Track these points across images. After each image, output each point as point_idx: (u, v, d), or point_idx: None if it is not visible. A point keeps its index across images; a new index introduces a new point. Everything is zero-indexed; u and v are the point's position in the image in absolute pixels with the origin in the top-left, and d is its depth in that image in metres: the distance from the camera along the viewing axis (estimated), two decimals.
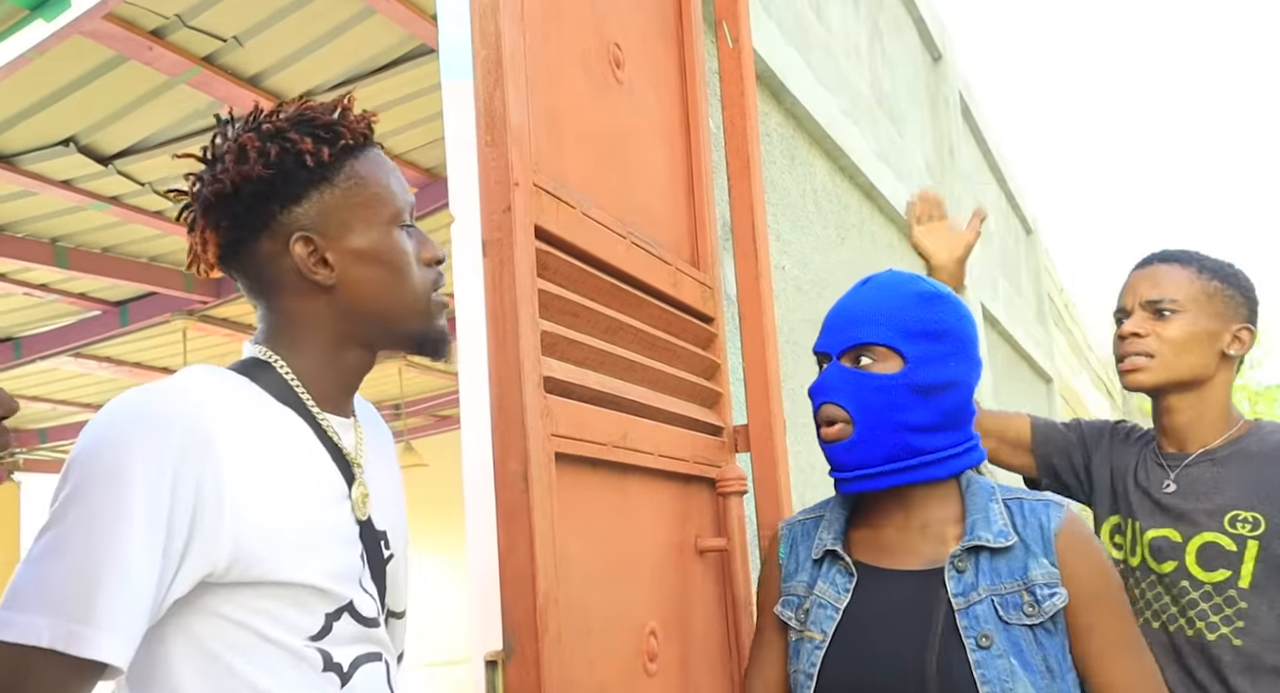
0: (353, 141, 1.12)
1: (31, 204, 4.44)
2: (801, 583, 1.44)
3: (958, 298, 1.47)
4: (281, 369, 1.11)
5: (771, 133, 3.25)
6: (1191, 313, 1.73)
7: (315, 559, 1.03)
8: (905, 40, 5.93)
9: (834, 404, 1.39)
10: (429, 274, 1.17)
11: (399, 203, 1.14)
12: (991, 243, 8.25)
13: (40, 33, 3.05)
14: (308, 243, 1.10)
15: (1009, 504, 1.38)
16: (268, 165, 1.08)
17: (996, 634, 1.29)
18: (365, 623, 1.09)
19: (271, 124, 1.12)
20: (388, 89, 3.90)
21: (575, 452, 1.44)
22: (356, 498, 1.11)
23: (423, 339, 1.17)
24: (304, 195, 1.10)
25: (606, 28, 1.75)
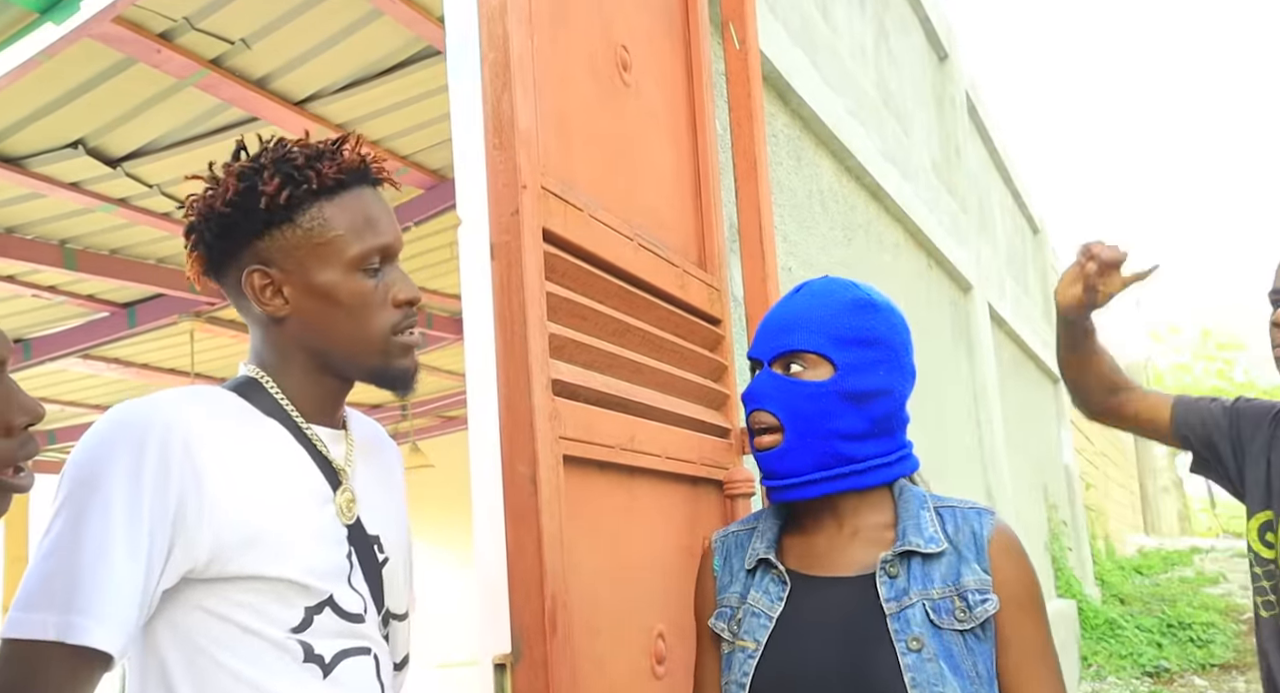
0: (320, 185, 1.16)
1: (40, 206, 4.46)
2: (735, 594, 1.43)
3: (893, 306, 1.47)
4: (269, 386, 1.19)
5: (778, 134, 3.25)
6: None
7: (294, 556, 1.10)
8: (911, 40, 5.93)
9: (765, 411, 1.39)
10: (391, 316, 1.19)
11: (366, 246, 1.17)
12: (998, 242, 8.24)
13: (49, 36, 3.06)
14: (263, 275, 1.16)
15: (940, 512, 1.39)
16: (227, 203, 1.15)
17: (928, 638, 1.29)
18: (348, 618, 1.14)
19: (252, 162, 1.18)
20: (395, 91, 3.91)
21: (583, 454, 1.44)
22: (341, 502, 1.18)
23: (379, 376, 1.21)
24: (265, 232, 1.16)
25: (613, 30, 1.75)
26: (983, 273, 6.77)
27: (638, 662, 1.52)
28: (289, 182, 1.15)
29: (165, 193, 4.50)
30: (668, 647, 1.60)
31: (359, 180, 1.19)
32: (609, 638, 1.46)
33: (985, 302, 6.73)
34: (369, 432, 1.31)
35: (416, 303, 1.20)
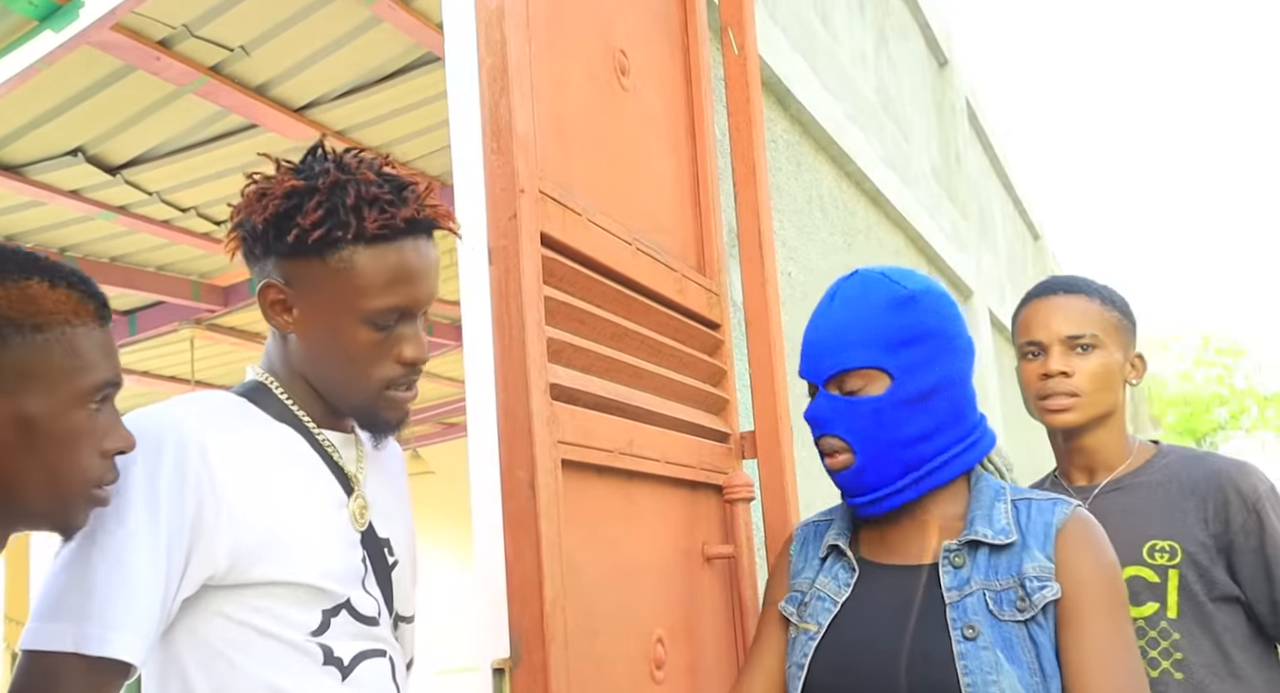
0: (358, 235, 1.11)
1: (40, 214, 4.46)
2: (806, 580, 1.44)
3: (931, 288, 1.42)
4: (278, 391, 1.19)
5: (777, 139, 3.25)
6: (1107, 347, 1.71)
7: (311, 561, 1.10)
8: (911, 46, 5.93)
9: (832, 436, 1.39)
10: (390, 371, 1.16)
11: (385, 303, 1.13)
12: (998, 248, 8.24)
13: (49, 43, 3.07)
14: (277, 291, 1.15)
15: (1017, 504, 1.37)
16: (264, 220, 1.13)
17: (984, 627, 1.28)
18: (364, 621, 1.15)
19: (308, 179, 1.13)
20: (394, 97, 3.91)
21: (582, 459, 1.43)
22: (354, 509, 1.18)
23: (361, 420, 1.20)
24: (291, 255, 1.14)
25: (612, 35, 1.75)
26: (983, 279, 6.77)
27: (637, 667, 1.52)
28: (329, 219, 1.11)
29: (165, 200, 4.51)
30: (667, 651, 1.59)
31: (407, 233, 1.14)
32: (608, 643, 1.45)
33: (986, 308, 6.72)
34: None
35: (420, 364, 1.18)
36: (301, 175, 1.14)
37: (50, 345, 0.94)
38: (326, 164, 1.15)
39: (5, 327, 0.91)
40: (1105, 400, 1.71)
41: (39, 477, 0.94)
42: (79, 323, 0.96)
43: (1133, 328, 1.77)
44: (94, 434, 0.97)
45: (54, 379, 0.94)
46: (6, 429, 0.92)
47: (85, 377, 0.96)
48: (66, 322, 0.95)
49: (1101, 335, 1.70)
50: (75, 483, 0.96)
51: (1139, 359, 1.77)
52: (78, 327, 0.96)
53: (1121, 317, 1.74)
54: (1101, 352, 1.70)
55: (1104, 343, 1.70)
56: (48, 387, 0.94)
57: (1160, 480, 1.70)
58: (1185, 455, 1.74)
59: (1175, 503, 1.66)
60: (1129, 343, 1.75)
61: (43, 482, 0.94)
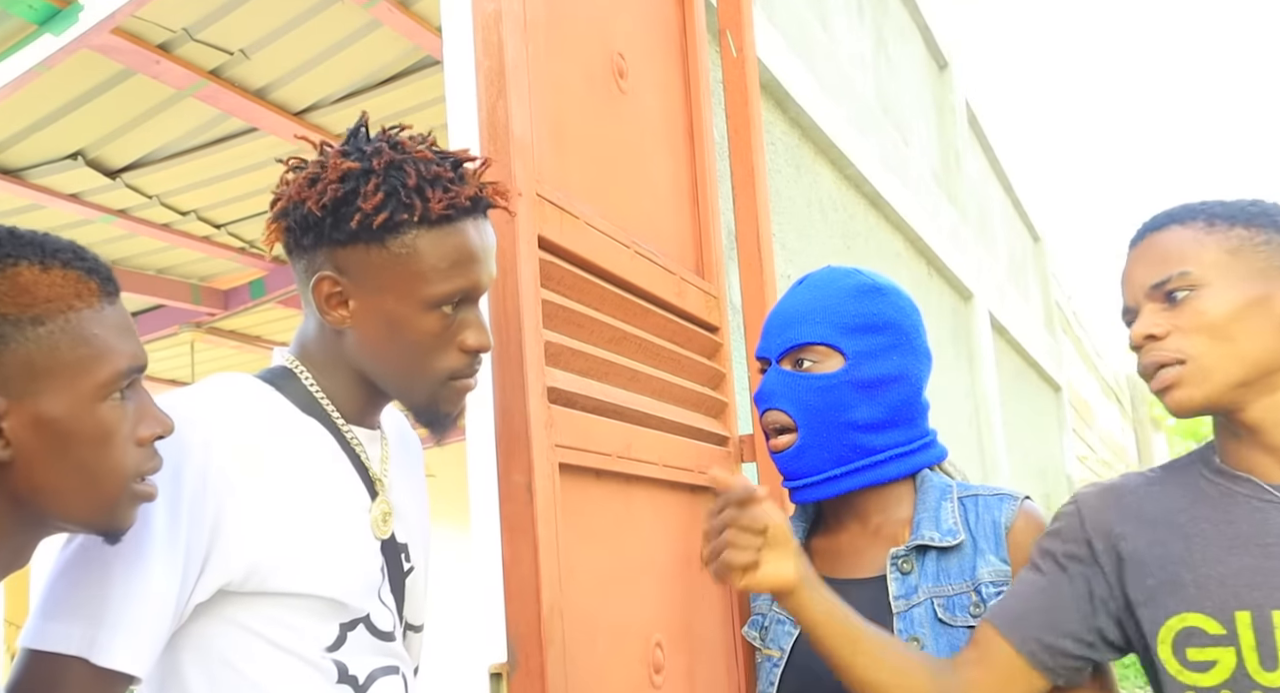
0: (423, 217, 1.05)
1: (40, 217, 4.46)
2: (764, 601, 1.42)
3: (898, 289, 1.42)
4: (306, 381, 1.12)
5: (776, 142, 3.25)
6: (1217, 283, 1.17)
7: (333, 572, 1.05)
8: (910, 48, 5.93)
9: (777, 410, 1.36)
10: (454, 360, 1.10)
11: (451, 287, 1.07)
12: (998, 250, 8.23)
13: (48, 47, 3.07)
14: (333, 284, 1.07)
15: (964, 501, 1.34)
16: (321, 206, 1.06)
17: (930, 637, 1.26)
18: (381, 636, 1.10)
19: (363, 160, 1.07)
20: (394, 101, 3.91)
21: (579, 462, 1.43)
22: (377, 515, 1.12)
23: (420, 414, 1.13)
24: (349, 242, 1.06)
25: (610, 37, 1.75)
26: (983, 281, 6.77)
27: (635, 672, 1.51)
28: (391, 201, 1.04)
29: (165, 203, 4.51)
30: (665, 656, 1.59)
31: (468, 212, 1.08)
32: (606, 648, 1.45)
33: (986, 310, 6.72)
34: (397, 427, 1.26)
35: (485, 351, 1.12)
36: (353, 157, 1.07)
37: (55, 337, 0.84)
38: (378, 144, 1.08)
39: (1, 324, 0.82)
40: (1238, 356, 1.14)
41: (74, 481, 0.86)
42: (83, 306, 0.86)
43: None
44: (125, 424, 0.88)
45: (68, 374, 0.84)
46: (27, 435, 0.83)
47: (103, 366, 0.86)
48: (69, 307, 0.85)
49: (1203, 270, 1.17)
50: (114, 481, 0.87)
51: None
52: (83, 311, 0.86)
53: (1253, 232, 1.18)
54: (1208, 292, 1.16)
55: (1209, 279, 1.17)
56: (62, 383, 0.84)
57: None
58: None
59: None
60: (1276, 264, 1.17)
61: (79, 485, 0.86)
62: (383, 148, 1.07)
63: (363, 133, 1.11)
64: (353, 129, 1.12)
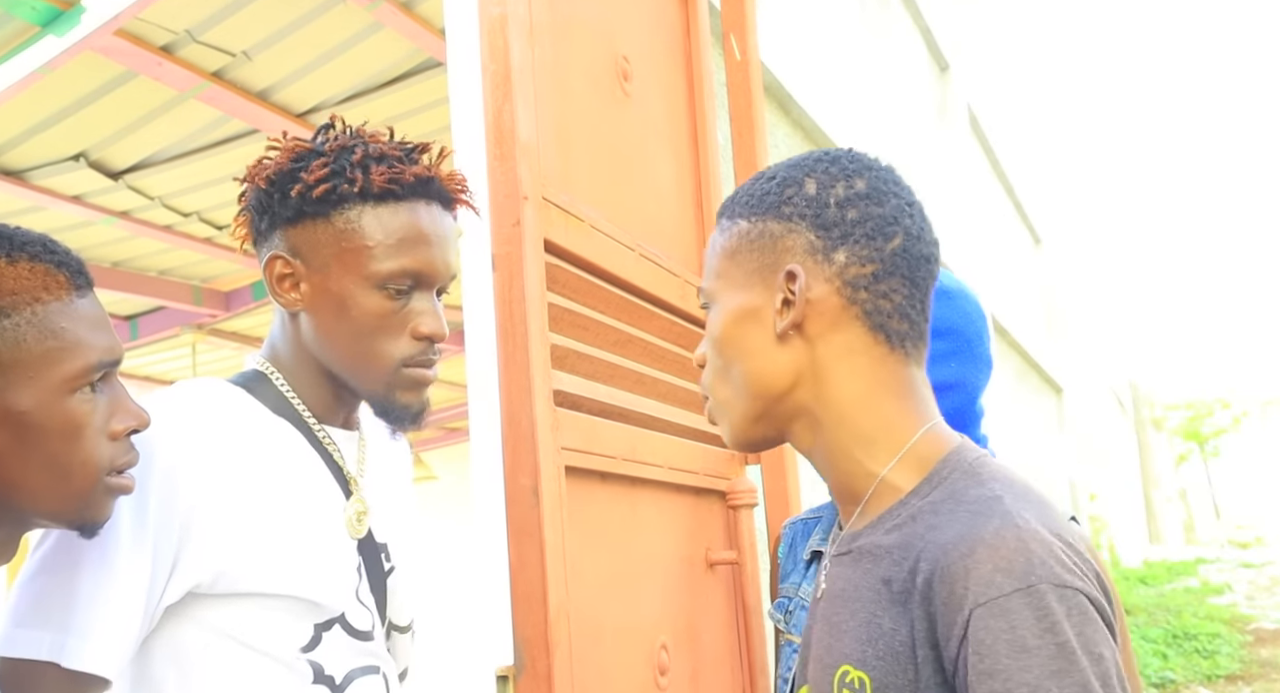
0: (363, 188, 1.05)
1: (42, 219, 4.46)
2: (793, 584, 1.42)
3: (966, 292, 1.41)
4: (278, 381, 1.12)
5: (779, 144, 3.25)
6: (719, 297, 0.95)
7: (305, 572, 1.05)
8: (912, 51, 5.94)
9: None
10: (405, 346, 1.08)
11: (396, 265, 1.06)
12: (999, 253, 8.24)
13: (51, 49, 3.07)
14: (285, 264, 1.08)
15: None
16: (268, 179, 1.08)
17: None
18: (359, 636, 1.10)
19: (316, 143, 1.09)
20: (396, 103, 3.91)
21: (585, 465, 1.43)
22: (352, 514, 1.12)
23: (379, 406, 1.12)
24: (297, 220, 1.07)
25: (615, 41, 1.75)
26: (984, 283, 6.77)
27: (641, 673, 1.51)
28: (334, 176, 1.05)
29: (167, 205, 4.51)
30: (671, 658, 1.59)
31: (418, 193, 1.08)
32: (612, 649, 1.45)
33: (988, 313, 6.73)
34: (382, 429, 1.24)
35: (438, 340, 1.10)
36: (311, 140, 1.10)
37: (21, 330, 0.83)
38: (336, 132, 1.11)
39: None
40: (737, 384, 0.92)
41: (44, 475, 0.85)
42: (51, 299, 0.85)
43: (792, 225, 0.90)
44: (96, 418, 0.88)
45: (34, 367, 0.83)
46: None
47: (71, 359, 0.85)
48: (36, 299, 0.84)
49: (710, 283, 0.96)
50: (86, 474, 0.87)
51: (790, 278, 0.88)
52: (50, 303, 0.85)
53: (749, 223, 0.93)
54: (713, 311, 0.95)
55: (714, 294, 0.95)
56: (29, 376, 0.83)
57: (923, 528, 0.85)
58: None
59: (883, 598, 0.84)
60: (768, 264, 0.90)
61: (49, 479, 0.85)
62: (340, 135, 1.10)
63: (332, 128, 1.13)
64: (324, 125, 1.13)
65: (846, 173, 0.92)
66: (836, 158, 0.94)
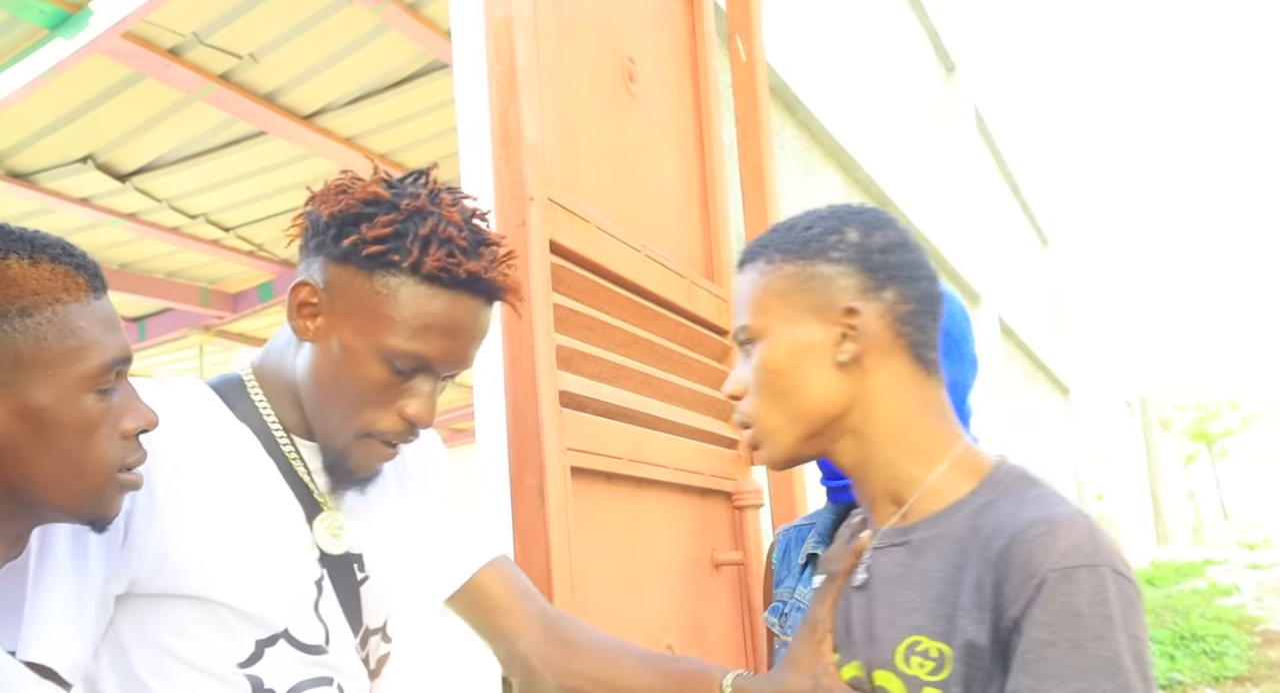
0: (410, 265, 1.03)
1: (50, 221, 4.48)
2: (788, 589, 1.42)
3: (951, 294, 1.43)
4: (253, 390, 1.12)
5: (785, 145, 3.25)
6: (771, 332, 1.05)
7: (243, 582, 1.04)
8: (919, 51, 5.93)
9: None
10: (387, 421, 1.07)
11: (409, 347, 1.04)
12: (1007, 254, 8.22)
13: (59, 52, 3.08)
14: (311, 293, 1.07)
15: None
16: (331, 214, 1.06)
17: None
18: (307, 650, 1.09)
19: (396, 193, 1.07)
20: (402, 104, 3.92)
21: (591, 466, 1.43)
22: (322, 530, 1.11)
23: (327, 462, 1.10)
24: (341, 261, 1.05)
25: (620, 42, 1.76)
26: (991, 284, 6.76)
27: None
28: (393, 239, 1.03)
29: (174, 207, 4.52)
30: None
31: (464, 286, 1.05)
32: None
33: (995, 313, 6.71)
34: None
35: (422, 425, 1.08)
36: (390, 189, 1.07)
37: (42, 328, 0.86)
38: (419, 189, 1.08)
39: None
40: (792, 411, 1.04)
41: (59, 470, 0.87)
42: (70, 300, 0.88)
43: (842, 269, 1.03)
44: (110, 416, 0.90)
45: (54, 365, 0.86)
46: (14, 425, 0.85)
47: (88, 358, 0.88)
48: (56, 300, 0.87)
49: (758, 320, 1.06)
50: (99, 471, 0.89)
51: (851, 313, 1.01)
52: (69, 304, 0.88)
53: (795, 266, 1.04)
54: (764, 345, 1.05)
55: (765, 330, 1.05)
56: (49, 374, 0.86)
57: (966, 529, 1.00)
58: None
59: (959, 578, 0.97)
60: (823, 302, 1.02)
61: (64, 474, 0.88)
62: (421, 195, 1.07)
63: (423, 179, 1.11)
64: (419, 171, 1.11)
65: (880, 223, 1.06)
66: (863, 211, 1.08)
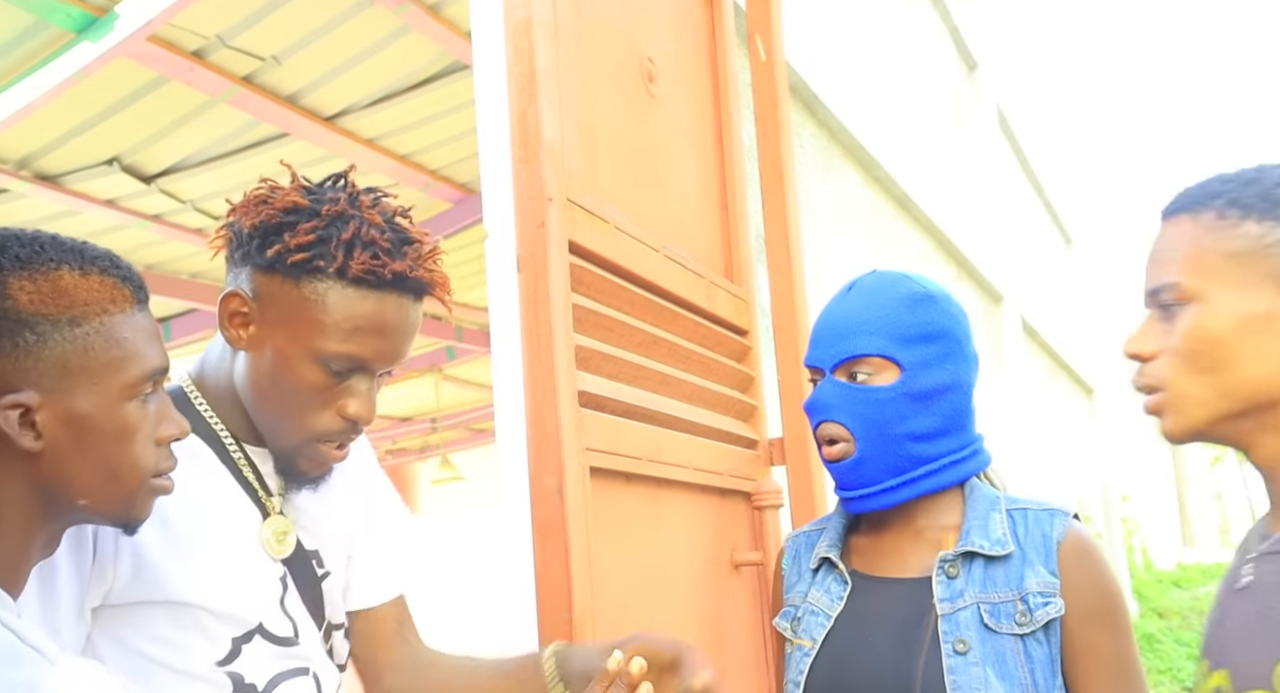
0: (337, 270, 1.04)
1: (76, 223, 4.52)
2: (799, 593, 1.42)
3: (949, 294, 1.42)
4: (197, 401, 1.14)
5: (805, 144, 3.24)
6: (1212, 296, 0.95)
7: (213, 584, 1.07)
8: (940, 50, 5.90)
9: (833, 422, 1.35)
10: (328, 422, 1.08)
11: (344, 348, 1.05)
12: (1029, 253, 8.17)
13: (86, 55, 3.12)
14: (241, 303, 1.08)
15: (1012, 513, 1.35)
16: (252, 225, 1.08)
17: (976, 642, 1.26)
18: (281, 643, 1.11)
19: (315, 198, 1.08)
20: (423, 105, 3.94)
21: (610, 466, 1.44)
22: (269, 536, 1.13)
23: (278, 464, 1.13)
24: (267, 270, 1.07)
25: (639, 43, 1.76)
26: (1014, 283, 6.72)
27: None
28: (317, 246, 1.04)
29: (198, 209, 4.56)
30: None
31: (391, 286, 1.07)
32: None
33: (1017, 312, 6.67)
34: None
35: (363, 423, 1.10)
36: (310, 196, 1.09)
37: (90, 338, 0.90)
38: (339, 194, 1.10)
39: (41, 323, 0.87)
40: (1223, 386, 0.94)
41: (98, 474, 0.91)
42: (116, 311, 0.92)
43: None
44: (146, 424, 0.94)
45: (99, 373, 0.90)
46: (58, 429, 0.89)
47: (132, 367, 0.92)
48: (104, 311, 0.91)
49: (1195, 280, 0.96)
50: (134, 476, 0.93)
51: None
52: (116, 315, 0.92)
53: (1261, 226, 0.94)
54: (1200, 308, 0.95)
55: (1203, 292, 0.95)
56: (94, 382, 0.90)
57: None
58: None
59: None
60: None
61: (102, 479, 0.91)
62: (340, 199, 1.08)
63: (341, 182, 1.12)
64: (337, 174, 1.12)
65: None
66: None
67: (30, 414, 0.87)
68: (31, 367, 0.87)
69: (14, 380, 0.87)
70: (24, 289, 0.87)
